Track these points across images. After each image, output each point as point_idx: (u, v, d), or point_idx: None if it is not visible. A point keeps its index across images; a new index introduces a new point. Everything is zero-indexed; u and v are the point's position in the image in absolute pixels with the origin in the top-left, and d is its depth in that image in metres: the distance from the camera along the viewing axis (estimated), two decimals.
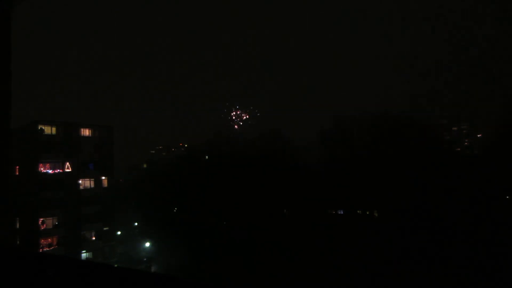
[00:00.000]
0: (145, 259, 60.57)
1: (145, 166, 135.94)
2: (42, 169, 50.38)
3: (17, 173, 51.64)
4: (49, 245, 49.55)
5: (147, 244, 65.79)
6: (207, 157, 71.53)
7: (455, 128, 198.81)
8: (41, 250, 46.80)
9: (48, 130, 51.73)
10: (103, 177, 57.11)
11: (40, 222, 49.08)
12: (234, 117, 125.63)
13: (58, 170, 51.71)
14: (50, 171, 51.04)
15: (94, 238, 54.61)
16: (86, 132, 56.32)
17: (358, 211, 61.86)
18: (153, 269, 57.53)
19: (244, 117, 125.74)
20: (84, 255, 52.46)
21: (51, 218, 50.31)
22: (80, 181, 54.02)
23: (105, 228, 55.37)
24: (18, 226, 50.71)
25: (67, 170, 52.43)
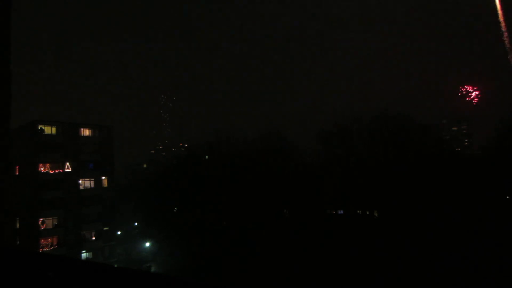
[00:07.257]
0: (145, 259, 60.57)
1: (145, 166, 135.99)
2: (42, 169, 50.37)
3: (17, 173, 51.65)
4: (49, 245, 49.55)
5: (147, 244, 65.75)
6: (207, 157, 71.40)
7: (455, 128, 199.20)
8: (41, 250, 46.80)
9: (48, 130, 51.75)
10: (103, 177, 57.09)
11: (40, 222, 49.08)
12: None
13: (58, 170, 51.72)
14: (50, 171, 51.04)
15: (94, 238, 54.58)
16: (86, 132, 56.31)
17: (358, 211, 61.86)
18: (153, 269, 57.49)
19: None
20: (84, 255, 52.46)
21: (51, 218, 50.32)
22: (80, 181, 54.01)
23: (105, 228, 55.34)
24: (18, 226, 50.74)
25: (67, 170, 52.41)
